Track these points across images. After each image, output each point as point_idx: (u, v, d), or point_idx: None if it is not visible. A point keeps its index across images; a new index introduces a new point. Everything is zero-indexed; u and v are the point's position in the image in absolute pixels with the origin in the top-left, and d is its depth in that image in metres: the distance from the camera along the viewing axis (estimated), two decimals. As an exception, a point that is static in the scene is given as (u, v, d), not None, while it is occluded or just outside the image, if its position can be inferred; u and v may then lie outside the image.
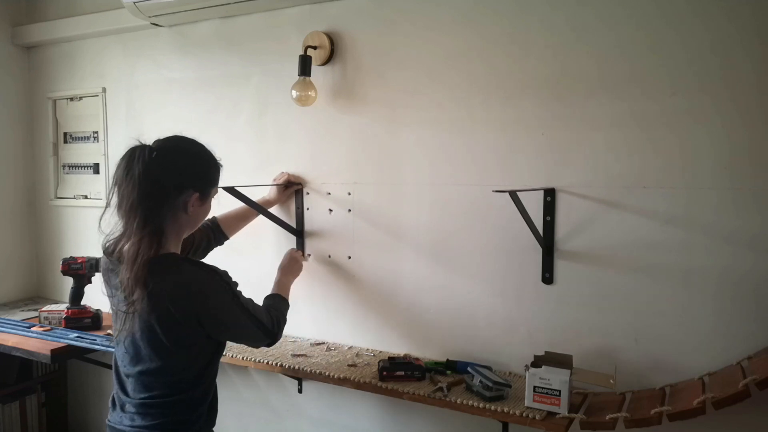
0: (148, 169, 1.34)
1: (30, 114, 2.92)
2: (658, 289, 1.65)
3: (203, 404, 1.48)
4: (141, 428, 1.41)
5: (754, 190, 1.53)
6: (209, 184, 1.48)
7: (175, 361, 1.41)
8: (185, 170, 1.42)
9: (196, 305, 1.38)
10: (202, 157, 1.48)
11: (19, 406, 2.66)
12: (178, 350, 1.40)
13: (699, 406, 1.36)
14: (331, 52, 2.07)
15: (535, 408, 1.53)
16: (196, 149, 1.49)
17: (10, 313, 2.64)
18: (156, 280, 1.33)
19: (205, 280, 1.41)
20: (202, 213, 1.49)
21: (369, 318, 2.10)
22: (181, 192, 1.40)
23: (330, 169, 2.14)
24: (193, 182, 1.43)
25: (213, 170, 1.49)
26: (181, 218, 1.43)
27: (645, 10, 1.62)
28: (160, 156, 1.37)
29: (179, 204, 1.41)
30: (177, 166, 1.41)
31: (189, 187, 1.41)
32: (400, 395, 1.71)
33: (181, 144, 1.47)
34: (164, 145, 1.42)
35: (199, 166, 1.47)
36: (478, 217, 1.88)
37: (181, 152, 1.45)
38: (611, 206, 1.69)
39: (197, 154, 1.48)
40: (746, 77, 1.52)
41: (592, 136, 1.70)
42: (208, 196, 1.48)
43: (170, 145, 1.43)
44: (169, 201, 1.39)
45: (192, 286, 1.38)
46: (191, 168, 1.44)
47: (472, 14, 1.85)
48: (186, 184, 1.41)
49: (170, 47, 2.46)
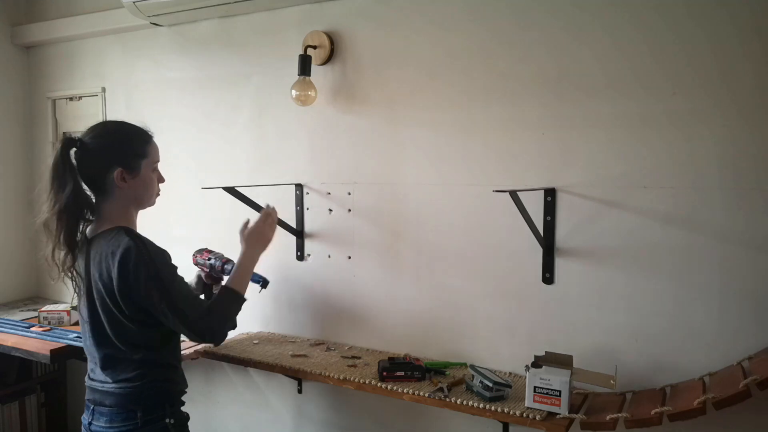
0: (63, 158, 1.44)
1: (29, 114, 2.92)
2: (658, 289, 1.65)
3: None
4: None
5: (755, 190, 1.53)
6: (136, 157, 1.51)
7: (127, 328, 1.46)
8: (104, 150, 1.49)
9: (123, 277, 1.41)
10: (123, 133, 1.54)
11: (18, 407, 2.66)
12: (128, 319, 1.45)
13: (699, 406, 1.36)
14: (330, 52, 2.07)
15: (535, 408, 1.53)
16: (119, 128, 1.55)
17: (10, 313, 2.64)
18: (96, 251, 1.45)
19: (134, 256, 1.42)
20: (140, 184, 1.52)
21: (369, 318, 2.10)
22: (106, 171, 1.47)
23: (330, 169, 2.13)
24: (114, 159, 1.48)
25: (137, 142, 1.53)
26: (121, 194, 1.50)
27: (645, 10, 1.62)
28: (83, 145, 1.47)
29: (110, 182, 1.48)
30: (97, 150, 1.48)
31: (112, 165, 1.48)
32: (401, 396, 1.71)
33: (103, 127, 1.59)
34: (86, 134, 1.51)
35: (121, 143, 1.52)
36: (478, 217, 1.88)
37: (101, 135, 1.51)
38: (612, 206, 1.69)
39: (118, 131, 1.54)
40: (746, 76, 1.52)
41: (592, 135, 1.70)
42: (138, 168, 1.51)
43: (93, 131, 1.52)
44: (100, 183, 1.48)
45: (123, 257, 1.41)
46: (111, 146, 1.50)
47: (473, 14, 1.85)
48: (107, 164, 1.48)
49: (170, 47, 2.45)
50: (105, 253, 1.43)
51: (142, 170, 1.52)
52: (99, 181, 1.49)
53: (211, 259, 1.88)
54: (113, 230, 1.47)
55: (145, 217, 1.58)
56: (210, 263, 1.88)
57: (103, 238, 1.46)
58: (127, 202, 1.52)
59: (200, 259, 1.91)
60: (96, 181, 1.49)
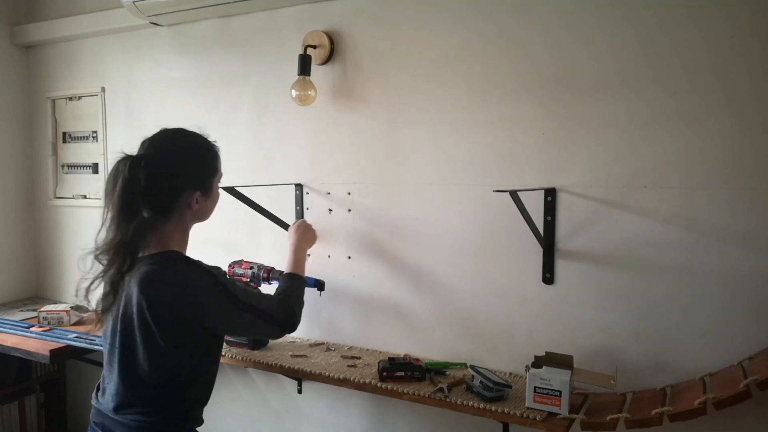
0: (132, 183, 1.24)
1: (29, 113, 2.91)
2: (658, 288, 1.64)
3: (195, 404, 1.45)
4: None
5: (755, 190, 1.52)
6: (209, 176, 1.39)
7: (167, 361, 1.35)
8: (178, 172, 1.32)
9: (194, 308, 1.33)
10: (195, 150, 1.38)
11: (18, 407, 2.66)
12: (173, 350, 1.34)
13: (700, 406, 1.36)
14: (330, 52, 2.07)
15: (535, 408, 1.53)
16: (188, 143, 1.38)
17: (9, 313, 2.64)
18: (150, 282, 1.29)
19: (198, 284, 1.33)
20: (210, 204, 1.41)
21: (369, 318, 2.09)
22: (179, 194, 1.33)
23: (330, 169, 2.13)
24: (190, 181, 1.34)
25: (210, 161, 1.40)
26: (186, 215, 1.36)
27: (644, 10, 1.61)
28: (148, 165, 1.27)
29: (181, 206, 1.34)
30: (168, 170, 1.30)
31: (187, 188, 1.34)
32: (401, 396, 1.71)
33: (169, 142, 1.36)
34: (149, 152, 1.31)
35: (194, 162, 1.36)
36: (478, 217, 1.87)
37: (170, 153, 1.34)
38: (612, 206, 1.69)
39: (190, 149, 1.37)
40: (746, 76, 1.52)
41: (592, 135, 1.70)
42: (211, 187, 1.39)
43: (157, 150, 1.33)
44: (165, 207, 1.32)
45: (188, 289, 1.32)
46: (184, 167, 1.34)
47: (473, 14, 1.84)
48: (182, 186, 1.33)
49: (169, 46, 2.45)
50: (156, 281, 1.29)
51: (213, 189, 1.40)
52: (166, 204, 1.31)
53: (253, 268, 1.90)
54: (162, 255, 1.33)
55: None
56: (252, 272, 1.89)
57: (149, 264, 1.30)
58: (189, 223, 1.39)
59: (239, 270, 1.92)
60: (163, 205, 1.31)
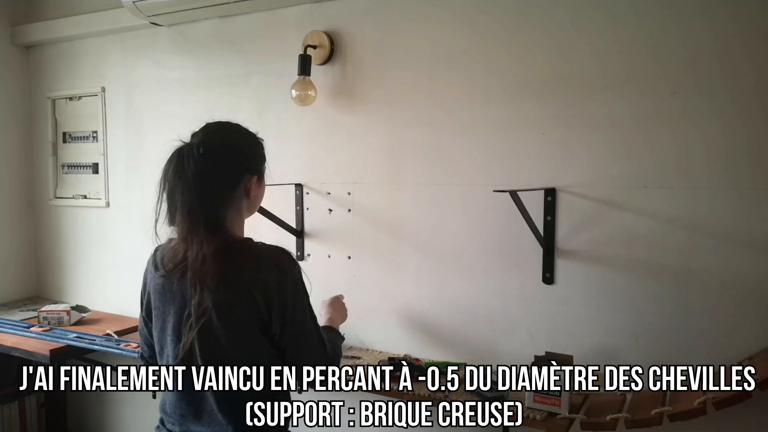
0: (202, 169, 1.28)
1: (29, 114, 2.91)
2: (658, 289, 1.64)
3: None
4: None
5: (755, 190, 1.53)
6: (261, 162, 1.44)
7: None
8: (238, 158, 1.37)
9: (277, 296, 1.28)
10: (247, 137, 1.44)
11: (18, 407, 2.66)
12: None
13: (700, 406, 1.36)
14: (330, 52, 2.07)
15: (535, 408, 1.53)
16: (240, 132, 1.44)
17: (9, 313, 2.64)
18: (234, 271, 1.27)
19: (288, 271, 1.31)
20: (261, 193, 1.45)
21: (369, 318, 2.09)
22: (240, 180, 1.36)
23: (330, 169, 2.13)
24: (248, 166, 1.39)
25: (259, 147, 1.46)
26: (243, 204, 1.39)
27: (646, 10, 1.61)
28: (209, 151, 1.31)
29: (241, 192, 1.37)
30: (229, 156, 1.35)
31: (245, 173, 1.38)
32: (401, 396, 1.71)
33: (225, 131, 1.42)
34: (208, 138, 1.36)
35: (249, 148, 1.42)
36: (478, 217, 1.87)
37: (228, 140, 1.39)
38: (612, 206, 1.69)
39: (243, 135, 1.43)
40: (746, 77, 1.52)
41: (592, 136, 1.70)
42: (263, 174, 1.45)
43: (215, 136, 1.38)
44: (229, 194, 1.34)
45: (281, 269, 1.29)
46: (242, 153, 1.39)
47: (473, 14, 1.85)
48: (242, 171, 1.37)
49: (169, 47, 2.45)
50: (242, 265, 1.27)
51: (264, 177, 1.44)
52: (231, 189, 1.34)
53: None
54: (242, 241, 1.33)
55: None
56: None
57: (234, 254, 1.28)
58: (245, 212, 1.41)
59: None
60: (228, 191, 1.33)
